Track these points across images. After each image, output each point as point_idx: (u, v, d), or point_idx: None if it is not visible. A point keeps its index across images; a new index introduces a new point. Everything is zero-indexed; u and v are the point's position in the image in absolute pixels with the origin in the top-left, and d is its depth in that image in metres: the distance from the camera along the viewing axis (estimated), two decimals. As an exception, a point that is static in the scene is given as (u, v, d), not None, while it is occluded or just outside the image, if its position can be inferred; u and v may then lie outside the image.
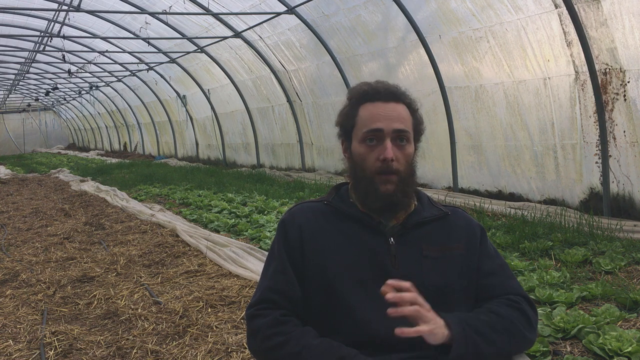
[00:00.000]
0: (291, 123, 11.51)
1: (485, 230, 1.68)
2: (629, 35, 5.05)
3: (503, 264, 1.64)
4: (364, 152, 1.54)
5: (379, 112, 1.53)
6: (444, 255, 1.57)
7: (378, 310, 1.49)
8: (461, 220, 1.65)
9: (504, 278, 1.60)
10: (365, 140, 1.54)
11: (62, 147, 34.84)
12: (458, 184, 7.58)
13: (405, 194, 1.54)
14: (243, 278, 4.49)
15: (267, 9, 9.43)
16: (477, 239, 1.62)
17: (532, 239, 4.91)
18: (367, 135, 1.53)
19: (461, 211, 1.69)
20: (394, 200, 1.52)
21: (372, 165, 1.52)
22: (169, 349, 3.24)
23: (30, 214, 8.69)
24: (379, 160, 1.51)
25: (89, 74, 19.00)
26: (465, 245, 1.60)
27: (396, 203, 1.53)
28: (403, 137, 1.54)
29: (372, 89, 1.58)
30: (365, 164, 1.54)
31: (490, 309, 1.52)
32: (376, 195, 1.52)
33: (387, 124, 1.52)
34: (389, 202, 1.52)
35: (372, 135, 1.53)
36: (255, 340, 1.53)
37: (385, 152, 1.50)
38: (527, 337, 1.51)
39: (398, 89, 1.59)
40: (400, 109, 1.55)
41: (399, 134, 1.53)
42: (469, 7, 6.44)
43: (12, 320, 3.89)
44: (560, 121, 5.98)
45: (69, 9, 10.16)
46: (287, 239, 1.59)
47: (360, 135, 1.55)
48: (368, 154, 1.53)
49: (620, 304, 3.37)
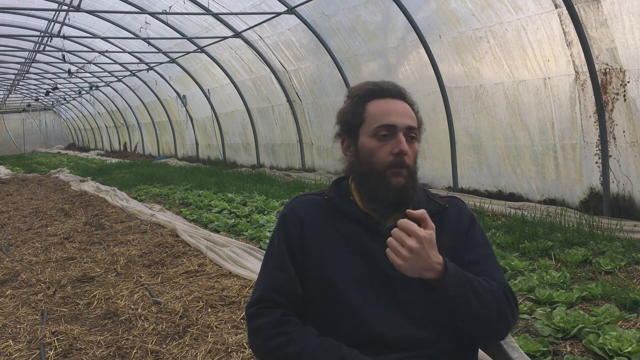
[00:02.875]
0: (291, 123, 11.51)
1: (476, 219, 1.66)
2: (629, 35, 5.05)
3: (489, 254, 1.61)
4: (375, 146, 1.54)
5: (391, 108, 1.55)
6: (440, 251, 1.56)
7: (377, 311, 1.49)
8: (454, 211, 1.63)
9: (486, 267, 1.57)
10: (377, 134, 1.54)
11: (62, 147, 34.83)
12: (458, 184, 7.58)
13: (414, 188, 1.56)
14: (243, 278, 4.49)
15: (267, 9, 9.43)
16: (464, 229, 1.61)
17: (532, 239, 4.91)
18: (380, 130, 1.53)
19: (456, 200, 1.67)
20: (405, 193, 1.53)
21: (384, 160, 1.52)
22: (169, 349, 3.24)
23: (30, 214, 8.69)
24: (392, 154, 1.51)
25: (89, 74, 19.00)
26: (454, 237, 1.59)
27: (406, 196, 1.53)
28: (413, 134, 1.56)
29: (379, 87, 1.59)
30: (376, 159, 1.53)
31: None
32: (388, 188, 1.52)
33: (400, 120, 1.53)
34: (401, 195, 1.52)
35: (386, 130, 1.53)
36: (256, 340, 1.53)
37: (400, 145, 1.51)
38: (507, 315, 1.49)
39: (404, 89, 1.61)
40: (408, 108, 1.58)
41: (410, 131, 1.55)
42: (469, 7, 6.45)
43: (12, 320, 3.89)
44: (560, 121, 5.98)
45: (69, 9, 10.15)
46: (288, 234, 1.59)
47: (372, 130, 1.54)
48: (379, 149, 1.53)
49: (620, 304, 3.37)
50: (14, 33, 14.18)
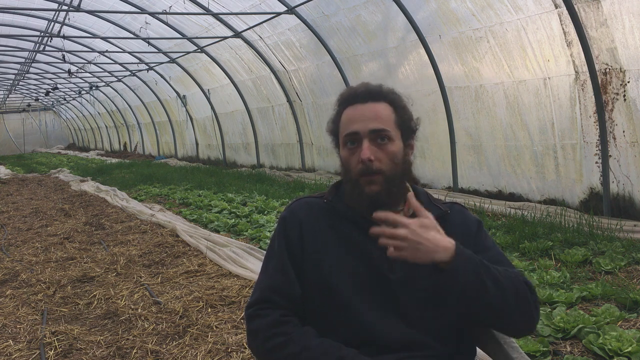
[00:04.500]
0: (291, 123, 11.51)
1: (482, 223, 1.66)
2: (629, 35, 5.05)
3: (500, 255, 1.60)
4: (347, 155, 1.54)
5: (355, 115, 1.53)
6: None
7: (376, 313, 1.49)
8: (458, 217, 1.63)
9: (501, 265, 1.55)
10: (346, 144, 1.55)
11: (62, 147, 34.82)
12: (458, 184, 7.58)
13: (390, 194, 1.52)
14: (243, 278, 4.49)
15: (267, 9, 9.43)
16: (472, 235, 1.60)
17: (532, 239, 4.91)
18: (347, 139, 1.54)
19: (459, 207, 1.67)
20: (378, 201, 1.50)
21: (355, 168, 1.52)
22: (169, 349, 3.24)
23: (30, 214, 8.69)
24: (360, 162, 1.50)
25: (89, 74, 19.00)
26: (460, 243, 1.59)
27: (381, 204, 1.51)
28: (383, 135, 1.51)
29: (351, 93, 1.57)
30: (349, 167, 1.54)
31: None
32: (361, 196, 1.51)
33: (362, 126, 1.51)
34: (374, 202, 1.51)
35: (351, 138, 1.53)
36: (255, 341, 1.53)
37: (361, 154, 1.49)
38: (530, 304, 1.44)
39: (379, 88, 1.56)
40: (379, 108, 1.53)
41: (377, 134, 1.51)
42: (469, 7, 6.44)
43: (12, 320, 3.89)
44: (560, 121, 5.98)
45: (69, 9, 10.15)
46: (288, 236, 1.59)
47: (342, 139, 1.56)
48: (350, 158, 1.53)
49: (620, 304, 3.37)
50: (14, 33, 14.18)
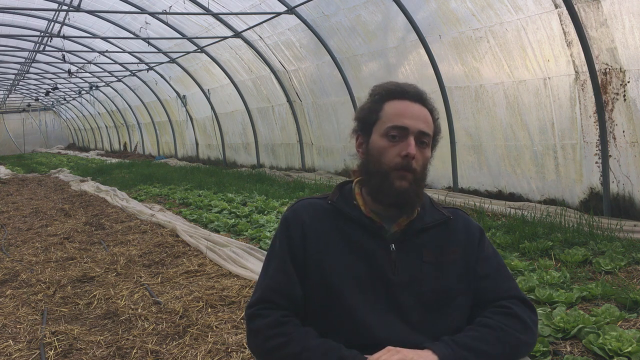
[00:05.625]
0: (291, 123, 11.51)
1: (484, 231, 1.68)
2: (629, 35, 5.05)
3: (500, 265, 1.63)
4: (385, 146, 1.53)
5: (407, 111, 1.54)
6: (444, 260, 1.57)
7: (377, 314, 1.49)
8: (460, 223, 1.64)
9: (499, 281, 1.60)
10: (387, 134, 1.53)
11: (62, 147, 34.82)
12: (458, 184, 7.58)
13: (417, 195, 1.54)
14: (243, 278, 4.49)
15: (267, 9, 9.43)
16: (475, 242, 1.62)
17: (532, 239, 4.91)
18: (391, 130, 1.53)
19: (461, 213, 1.68)
20: (406, 198, 1.52)
21: (391, 161, 1.52)
22: (169, 349, 3.24)
23: (30, 214, 8.68)
24: (400, 156, 1.50)
25: (89, 74, 19.00)
26: (463, 249, 1.60)
27: (407, 201, 1.52)
28: (425, 140, 1.54)
29: (400, 87, 1.58)
30: (383, 159, 1.53)
31: (480, 322, 1.52)
32: (390, 189, 1.51)
33: (413, 123, 1.52)
34: (401, 198, 1.52)
35: (397, 131, 1.52)
36: (255, 341, 1.53)
37: (408, 148, 1.49)
38: (523, 340, 1.50)
39: (426, 95, 1.59)
40: (426, 113, 1.56)
41: (422, 136, 1.53)
42: (469, 7, 6.44)
43: (12, 320, 3.89)
44: (560, 121, 5.98)
45: (69, 9, 10.15)
46: (290, 236, 1.58)
47: (384, 129, 1.54)
48: (388, 149, 1.52)
49: (620, 304, 3.37)
50: (14, 33, 14.18)
